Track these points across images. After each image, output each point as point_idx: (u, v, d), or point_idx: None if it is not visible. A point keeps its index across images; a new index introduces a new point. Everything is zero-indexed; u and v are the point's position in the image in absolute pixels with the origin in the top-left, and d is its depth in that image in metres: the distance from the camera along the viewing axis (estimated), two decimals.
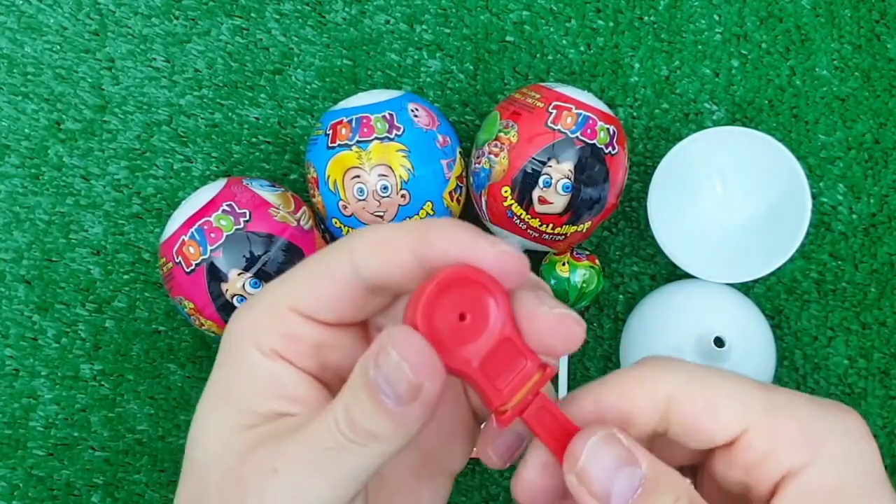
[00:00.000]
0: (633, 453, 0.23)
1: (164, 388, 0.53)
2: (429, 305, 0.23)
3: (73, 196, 0.54)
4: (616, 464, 0.23)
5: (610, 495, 0.23)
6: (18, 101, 0.54)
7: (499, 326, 0.24)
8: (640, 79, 0.55)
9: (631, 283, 0.55)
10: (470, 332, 0.24)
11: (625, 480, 0.23)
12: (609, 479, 0.23)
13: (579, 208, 0.48)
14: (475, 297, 0.24)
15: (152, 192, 0.54)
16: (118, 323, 0.53)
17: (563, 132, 0.47)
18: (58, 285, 0.54)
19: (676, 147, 0.50)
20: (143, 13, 0.55)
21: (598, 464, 0.23)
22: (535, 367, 0.24)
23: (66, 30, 0.55)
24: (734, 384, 0.24)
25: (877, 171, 0.55)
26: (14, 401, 0.53)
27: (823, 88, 0.55)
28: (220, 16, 0.55)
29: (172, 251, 0.46)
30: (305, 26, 0.55)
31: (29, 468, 0.53)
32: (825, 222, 0.55)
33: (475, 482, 0.53)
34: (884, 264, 0.54)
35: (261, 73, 0.55)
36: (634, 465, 0.23)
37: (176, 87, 0.55)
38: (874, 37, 0.55)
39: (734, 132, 0.50)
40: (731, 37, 0.55)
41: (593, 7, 0.55)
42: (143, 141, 0.54)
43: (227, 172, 0.54)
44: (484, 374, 0.24)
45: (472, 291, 0.24)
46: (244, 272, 0.45)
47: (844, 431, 0.24)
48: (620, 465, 0.23)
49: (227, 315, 0.46)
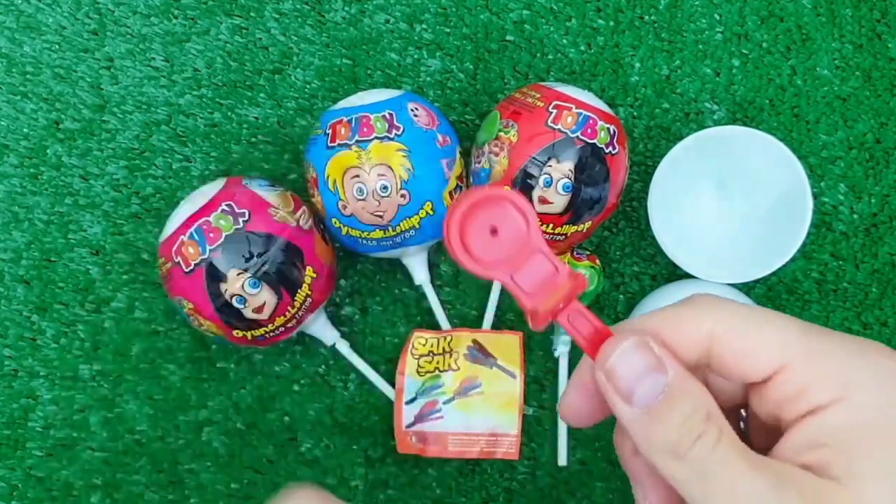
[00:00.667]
0: (663, 362, 0.24)
1: (163, 388, 0.53)
2: (462, 222, 0.26)
3: (71, 196, 0.54)
4: (644, 368, 0.24)
5: (633, 394, 0.24)
6: (17, 100, 0.54)
7: (529, 239, 0.26)
8: (640, 78, 0.55)
9: (631, 284, 0.55)
10: (502, 245, 0.26)
11: (650, 384, 0.24)
12: (635, 380, 0.24)
13: (580, 208, 0.48)
14: (505, 213, 0.26)
15: (151, 191, 0.54)
16: (117, 323, 0.53)
17: (563, 132, 0.47)
18: (56, 285, 0.53)
19: (677, 147, 0.50)
20: (142, 12, 0.55)
21: (626, 365, 0.24)
22: (566, 275, 0.26)
23: (65, 29, 0.54)
24: (775, 323, 0.24)
25: (878, 171, 0.55)
26: (13, 401, 0.53)
27: (824, 88, 0.55)
28: (219, 15, 0.55)
29: (171, 251, 0.46)
30: (305, 25, 0.55)
31: (28, 468, 0.53)
32: (826, 222, 0.55)
33: (475, 483, 0.53)
34: (885, 264, 0.54)
35: (260, 73, 0.55)
36: (661, 372, 0.24)
37: (175, 86, 0.55)
38: (875, 36, 0.55)
39: (735, 132, 0.50)
40: (731, 36, 0.55)
41: (594, 6, 0.55)
42: (142, 140, 0.54)
43: (226, 172, 0.54)
44: (517, 282, 0.26)
45: (502, 208, 0.26)
46: (243, 272, 0.45)
47: (879, 373, 0.24)
48: (648, 369, 0.24)
49: (226, 315, 0.46)
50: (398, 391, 0.51)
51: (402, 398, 0.51)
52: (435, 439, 0.51)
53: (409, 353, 0.51)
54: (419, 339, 0.52)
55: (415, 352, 0.51)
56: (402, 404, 0.51)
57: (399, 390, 0.51)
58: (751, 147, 0.50)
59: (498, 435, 0.51)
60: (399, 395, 0.51)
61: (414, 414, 0.51)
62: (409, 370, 0.51)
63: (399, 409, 0.51)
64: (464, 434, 0.51)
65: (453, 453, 0.51)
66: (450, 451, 0.51)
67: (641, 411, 0.24)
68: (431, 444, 0.51)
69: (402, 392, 0.51)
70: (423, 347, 0.52)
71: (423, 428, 0.51)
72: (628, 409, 0.24)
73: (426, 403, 0.51)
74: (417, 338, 0.52)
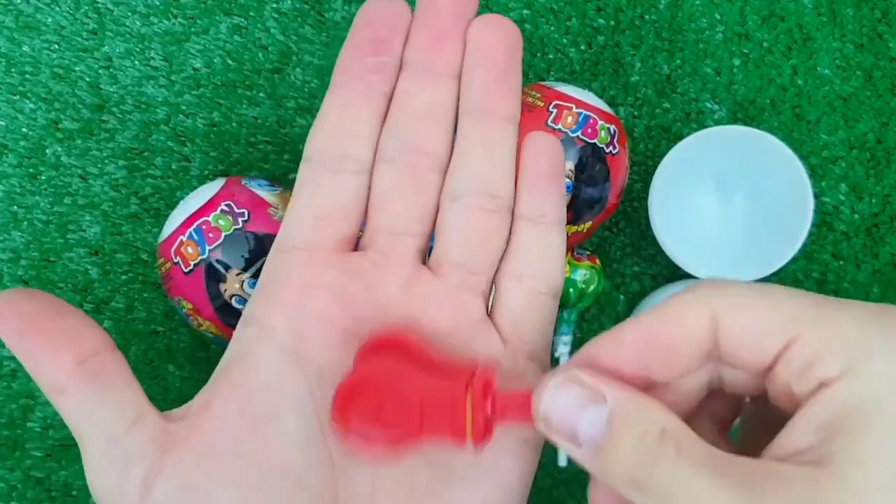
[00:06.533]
0: (599, 390, 0.22)
1: (163, 388, 0.53)
2: (345, 412, 0.25)
3: (70, 196, 0.54)
4: (579, 403, 0.22)
5: (576, 434, 0.22)
6: (16, 100, 0.54)
7: (417, 394, 0.25)
8: (640, 78, 0.55)
9: (632, 284, 0.55)
10: (394, 412, 0.25)
11: (590, 419, 0.22)
12: (574, 419, 0.22)
13: (580, 208, 0.47)
14: (385, 387, 0.25)
15: (150, 191, 0.54)
16: (116, 323, 0.53)
17: (563, 131, 0.47)
18: (56, 285, 0.53)
19: (678, 146, 0.49)
20: (142, 12, 0.55)
21: (558, 406, 0.23)
22: (462, 391, 0.25)
23: (64, 29, 0.54)
24: (782, 297, 0.22)
25: (879, 171, 0.55)
26: (12, 401, 0.53)
27: (825, 88, 0.55)
28: (218, 14, 0.55)
29: (171, 251, 0.46)
30: (304, 25, 0.55)
31: (27, 469, 0.52)
32: (827, 222, 0.55)
33: None
34: (886, 264, 0.54)
35: (259, 72, 0.55)
36: (599, 403, 0.22)
37: (174, 86, 0.54)
38: (876, 36, 0.55)
39: (736, 131, 0.50)
40: (732, 36, 0.55)
41: (594, 6, 0.55)
42: (141, 140, 0.54)
43: (225, 172, 0.54)
44: (431, 434, 0.25)
45: (380, 385, 0.25)
46: (243, 272, 0.45)
47: (893, 342, 0.21)
48: (584, 403, 0.22)
49: (226, 315, 0.46)
50: None
51: None
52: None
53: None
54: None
55: None
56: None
57: None
58: (751, 147, 0.50)
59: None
60: None
61: None
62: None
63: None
64: None
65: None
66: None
67: (591, 450, 0.22)
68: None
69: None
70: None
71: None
72: (578, 451, 0.22)
73: None
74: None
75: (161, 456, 0.27)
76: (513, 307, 0.30)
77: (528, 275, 0.30)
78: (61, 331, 0.27)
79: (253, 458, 0.27)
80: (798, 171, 0.49)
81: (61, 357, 0.26)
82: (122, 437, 0.27)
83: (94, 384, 0.27)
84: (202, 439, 0.27)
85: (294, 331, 0.29)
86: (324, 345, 0.29)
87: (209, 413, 0.28)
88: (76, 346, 0.27)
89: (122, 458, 0.26)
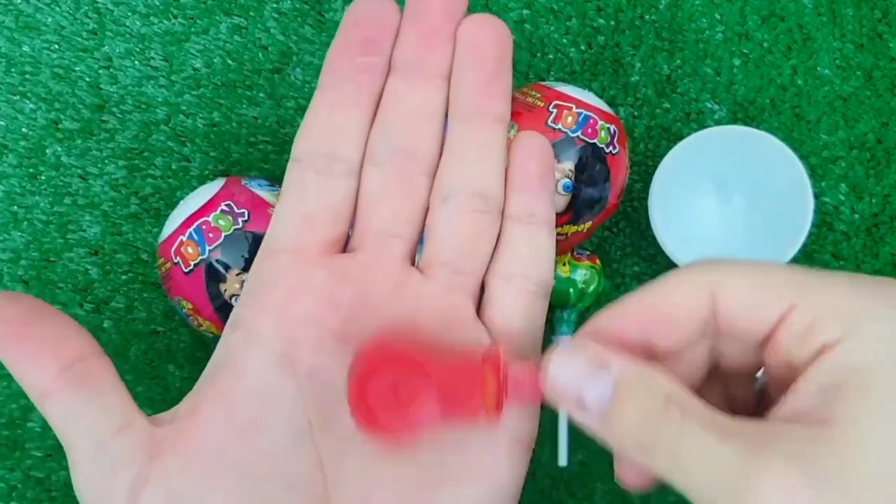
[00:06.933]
0: (604, 358, 0.23)
1: (162, 388, 0.53)
2: (362, 393, 0.26)
3: (70, 196, 0.54)
4: (586, 370, 0.23)
5: (584, 401, 0.23)
6: (16, 100, 0.54)
7: (431, 375, 0.26)
8: (641, 78, 0.55)
9: (632, 284, 0.55)
10: (409, 395, 0.26)
11: (597, 386, 0.23)
12: (581, 386, 0.23)
13: (580, 208, 0.47)
14: (400, 368, 0.26)
15: (150, 191, 0.54)
16: (116, 323, 0.53)
17: (563, 131, 0.47)
18: (56, 286, 0.53)
19: (678, 147, 0.49)
20: (142, 12, 0.55)
21: (566, 374, 0.24)
22: (478, 364, 0.26)
23: (64, 29, 0.54)
24: (779, 268, 0.23)
25: (879, 171, 0.55)
26: (12, 402, 0.53)
27: (825, 88, 0.55)
28: (218, 14, 0.55)
29: (171, 251, 0.46)
30: (304, 25, 0.55)
31: (27, 469, 0.52)
32: (827, 222, 0.55)
33: None
34: (886, 264, 0.54)
35: (259, 72, 0.55)
36: (605, 370, 0.23)
37: (174, 86, 0.54)
38: (876, 36, 0.55)
39: (736, 132, 0.50)
40: (732, 36, 0.55)
41: (594, 6, 0.55)
42: (141, 140, 0.54)
43: (225, 172, 0.54)
44: (450, 418, 0.26)
45: (397, 366, 0.26)
46: (243, 272, 0.45)
47: (894, 304, 0.21)
48: (591, 371, 0.23)
49: (226, 315, 0.46)
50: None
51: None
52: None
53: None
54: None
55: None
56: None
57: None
58: (751, 147, 0.50)
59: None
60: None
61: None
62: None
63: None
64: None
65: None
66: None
67: (599, 416, 0.23)
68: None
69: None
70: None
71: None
72: (586, 416, 0.23)
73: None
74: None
75: (149, 462, 0.26)
76: (503, 307, 0.31)
77: (517, 274, 0.31)
78: (45, 335, 0.27)
79: (241, 463, 0.27)
80: (798, 172, 0.49)
81: (45, 362, 0.26)
82: (108, 442, 0.26)
83: (79, 389, 0.27)
84: (189, 445, 0.27)
85: (282, 335, 0.29)
86: (313, 348, 0.29)
87: (197, 419, 0.28)
88: (61, 350, 0.27)
89: (108, 464, 0.26)
